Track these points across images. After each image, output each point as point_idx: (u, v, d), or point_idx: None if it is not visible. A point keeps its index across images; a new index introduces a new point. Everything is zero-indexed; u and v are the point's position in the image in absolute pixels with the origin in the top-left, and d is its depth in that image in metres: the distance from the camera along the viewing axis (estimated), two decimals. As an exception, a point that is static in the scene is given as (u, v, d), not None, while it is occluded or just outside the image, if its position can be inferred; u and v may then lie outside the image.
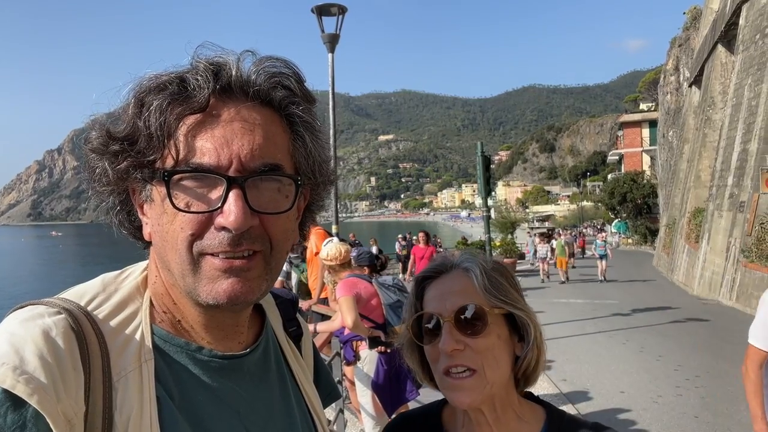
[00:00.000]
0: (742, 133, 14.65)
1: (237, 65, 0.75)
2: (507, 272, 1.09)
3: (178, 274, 0.74)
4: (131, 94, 0.74)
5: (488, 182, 10.60)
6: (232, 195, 0.71)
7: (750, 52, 14.99)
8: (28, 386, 0.61)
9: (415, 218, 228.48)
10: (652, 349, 8.82)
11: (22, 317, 0.68)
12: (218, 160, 0.71)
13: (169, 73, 0.73)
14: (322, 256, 4.67)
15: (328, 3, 10.10)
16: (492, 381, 1.00)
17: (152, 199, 0.75)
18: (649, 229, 36.55)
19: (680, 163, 24.27)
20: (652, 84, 50.88)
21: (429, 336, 1.05)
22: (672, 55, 31.07)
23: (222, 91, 0.73)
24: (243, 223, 0.70)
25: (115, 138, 0.72)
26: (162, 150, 0.71)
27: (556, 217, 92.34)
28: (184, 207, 0.71)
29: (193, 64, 0.74)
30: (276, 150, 0.75)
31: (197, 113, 0.71)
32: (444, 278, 1.07)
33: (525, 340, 1.05)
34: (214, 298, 0.73)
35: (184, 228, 0.71)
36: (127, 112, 0.73)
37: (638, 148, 49.68)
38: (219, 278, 0.73)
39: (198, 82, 0.71)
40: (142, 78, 0.74)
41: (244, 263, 0.73)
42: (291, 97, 0.78)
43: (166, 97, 0.71)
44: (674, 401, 6.31)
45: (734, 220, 14.30)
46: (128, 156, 0.72)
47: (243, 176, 0.71)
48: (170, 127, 0.71)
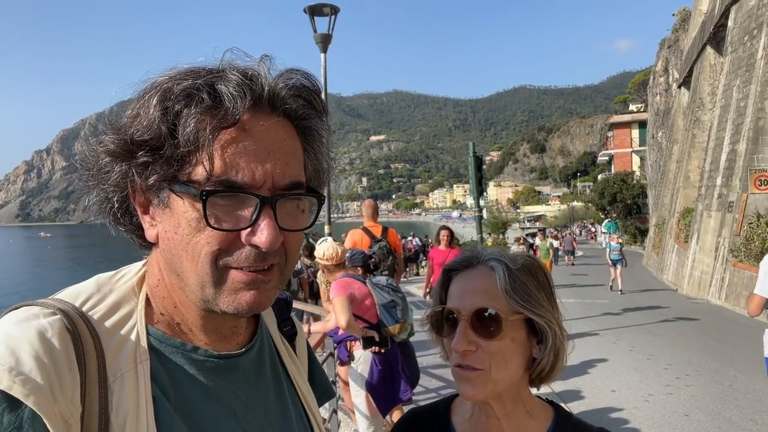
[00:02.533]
0: (731, 134, 14.81)
1: (269, 79, 0.74)
2: (538, 271, 1.06)
3: (195, 284, 0.73)
4: (152, 96, 0.71)
5: (480, 182, 10.64)
6: (265, 215, 0.71)
7: (738, 53, 15.15)
8: (25, 387, 0.61)
9: (406, 218, 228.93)
10: (643, 349, 8.89)
11: (17, 318, 0.68)
12: (253, 178, 0.70)
13: (194, 78, 0.71)
14: (317, 256, 4.66)
15: (320, 3, 10.10)
16: (497, 380, 1.01)
17: (168, 206, 0.73)
18: (639, 229, 36.82)
19: (669, 163, 24.50)
20: (641, 85, 51.28)
21: (448, 329, 1.05)
22: (661, 57, 31.34)
23: (253, 105, 0.72)
24: (275, 243, 0.71)
25: (139, 144, 0.70)
26: (190, 161, 0.70)
27: (547, 217, 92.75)
28: (215, 224, 0.70)
29: (222, 70, 0.73)
30: (299, 166, 0.76)
31: (230, 128, 0.70)
32: (469, 273, 1.06)
33: (543, 343, 1.04)
34: (236, 308, 0.73)
35: (211, 243, 0.71)
36: (149, 117, 0.70)
37: (628, 148, 50.03)
38: (241, 290, 0.73)
39: (233, 96, 0.70)
40: (161, 78, 0.72)
41: (264, 275, 0.74)
42: (309, 110, 0.78)
43: (200, 109, 0.69)
44: (665, 400, 6.36)
45: (723, 220, 14.45)
46: (158, 167, 0.70)
47: (275, 196, 0.72)
48: (204, 140, 0.69)
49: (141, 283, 0.81)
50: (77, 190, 2.03)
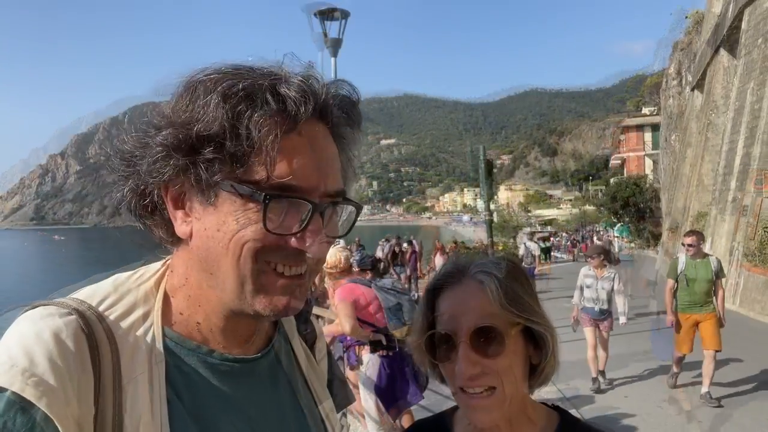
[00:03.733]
0: (745, 137, 14.63)
1: (325, 88, 0.75)
2: (522, 276, 1.02)
3: (233, 281, 0.73)
4: (213, 93, 0.70)
5: (490, 186, 10.61)
6: (316, 222, 0.72)
7: (752, 56, 14.99)
8: (37, 389, 0.61)
9: (416, 222, 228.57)
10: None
11: (33, 318, 0.68)
12: (309, 184, 0.71)
13: (254, 78, 0.71)
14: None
15: (330, 8, 10.15)
16: (511, 396, 0.97)
17: (213, 204, 0.72)
18: (652, 233, 36.44)
19: (683, 167, 24.25)
20: (654, 88, 50.82)
21: (444, 353, 0.99)
22: (674, 59, 31.06)
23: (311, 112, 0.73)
24: (324, 250, 0.73)
25: (203, 140, 0.69)
26: (250, 161, 0.69)
27: (558, 220, 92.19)
28: (270, 227, 0.70)
29: (282, 74, 0.73)
30: (341, 174, 0.78)
31: (292, 132, 0.71)
32: (457, 289, 1.00)
33: (542, 349, 1.01)
34: (272, 311, 0.74)
35: (258, 240, 0.71)
36: (207, 112, 0.69)
37: (640, 152, 49.55)
38: (278, 294, 0.74)
39: (297, 100, 0.71)
40: (215, 73, 0.71)
41: (300, 281, 0.75)
42: (347, 119, 0.79)
43: (266, 112, 0.69)
44: (677, 406, 6.28)
45: (737, 224, 14.27)
46: (221, 162, 0.69)
47: (325, 203, 0.73)
48: (266, 141, 0.69)
49: (159, 283, 0.80)
50: (91, 194, 2.08)
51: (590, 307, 7.28)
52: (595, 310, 7.22)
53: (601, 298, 7.24)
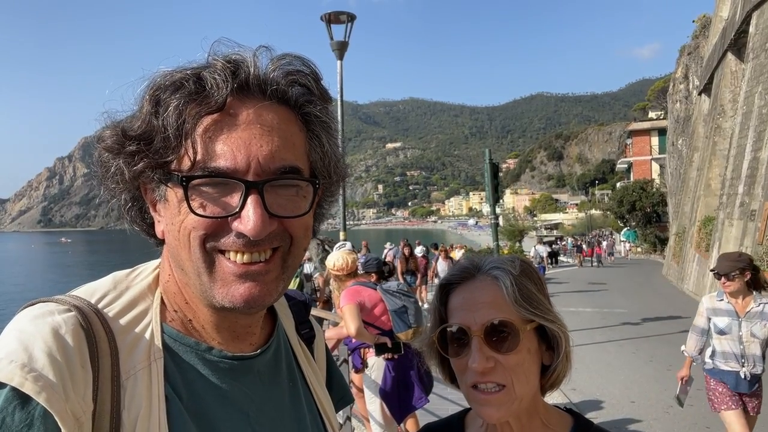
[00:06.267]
0: (753, 141, 14.55)
1: (255, 63, 0.73)
2: (535, 275, 1.02)
3: (192, 273, 0.73)
4: (146, 91, 0.72)
5: (496, 190, 10.57)
6: (251, 201, 0.69)
7: (761, 59, 14.91)
8: (36, 384, 0.61)
9: (422, 226, 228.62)
10: (662, 359, 8.72)
11: (32, 314, 0.68)
12: (236, 163, 0.69)
13: (184, 70, 0.72)
14: (328, 266, 4.67)
15: (337, 11, 10.20)
16: (521, 395, 0.96)
17: (166, 199, 0.73)
18: (659, 237, 36.29)
19: (690, 171, 24.13)
20: (661, 92, 50.71)
21: (456, 348, 0.98)
22: (681, 63, 30.96)
23: (239, 90, 0.71)
24: (261, 230, 0.69)
25: (130, 137, 0.71)
26: (179, 151, 0.70)
27: (564, 225, 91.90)
28: (201, 211, 0.70)
29: (209, 61, 0.73)
30: (294, 151, 0.74)
31: (215, 113, 0.70)
32: (470, 285, 1.00)
33: (555, 350, 1.00)
34: (230, 302, 0.72)
35: (197, 227, 0.70)
36: (142, 111, 0.71)
37: (647, 156, 49.41)
38: (235, 282, 0.72)
39: (216, 81, 0.70)
40: (156, 75, 0.72)
41: (261, 267, 0.72)
42: (308, 95, 0.76)
43: (183, 97, 0.69)
44: (685, 411, 6.21)
45: (745, 229, 14.17)
46: (145, 156, 0.71)
47: (261, 180, 0.70)
48: (188, 127, 0.69)
49: (157, 280, 0.81)
50: (98, 197, 2.09)
51: (730, 371, 4.24)
52: (740, 378, 4.19)
53: (749, 354, 4.13)
